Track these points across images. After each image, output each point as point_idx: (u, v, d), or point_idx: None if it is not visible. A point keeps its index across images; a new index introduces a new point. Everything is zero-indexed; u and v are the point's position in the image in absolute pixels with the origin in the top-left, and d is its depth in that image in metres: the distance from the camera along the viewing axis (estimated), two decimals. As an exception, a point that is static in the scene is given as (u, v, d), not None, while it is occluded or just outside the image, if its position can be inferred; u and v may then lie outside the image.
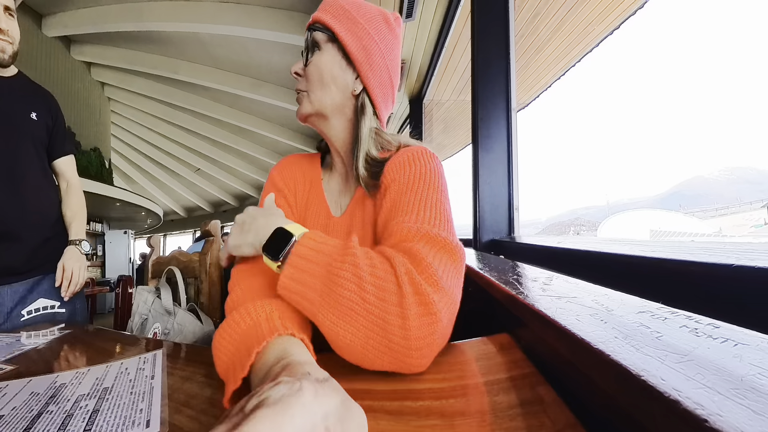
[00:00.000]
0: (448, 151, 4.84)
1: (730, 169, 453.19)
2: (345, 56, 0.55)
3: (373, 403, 0.33)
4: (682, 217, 14.01)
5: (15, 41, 0.89)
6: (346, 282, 0.36)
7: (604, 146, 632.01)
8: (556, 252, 0.75)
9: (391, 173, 0.51)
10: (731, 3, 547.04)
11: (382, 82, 0.58)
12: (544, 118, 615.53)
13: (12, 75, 0.94)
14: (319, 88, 0.56)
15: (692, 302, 0.40)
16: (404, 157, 0.52)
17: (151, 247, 4.82)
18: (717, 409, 0.16)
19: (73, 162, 1.06)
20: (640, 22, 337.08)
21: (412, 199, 0.46)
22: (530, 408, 0.30)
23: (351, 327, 0.35)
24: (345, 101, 0.57)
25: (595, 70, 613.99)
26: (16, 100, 0.92)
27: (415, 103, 3.36)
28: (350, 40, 0.54)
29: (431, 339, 0.35)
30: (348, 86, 0.56)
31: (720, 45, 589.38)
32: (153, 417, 0.34)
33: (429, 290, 0.35)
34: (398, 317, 0.34)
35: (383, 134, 0.58)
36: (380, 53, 0.56)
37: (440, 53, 2.54)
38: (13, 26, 0.88)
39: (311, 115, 0.58)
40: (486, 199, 1.22)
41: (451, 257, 0.40)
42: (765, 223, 11.87)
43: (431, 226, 0.42)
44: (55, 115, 1.00)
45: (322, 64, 0.55)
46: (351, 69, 0.56)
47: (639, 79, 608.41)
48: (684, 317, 0.28)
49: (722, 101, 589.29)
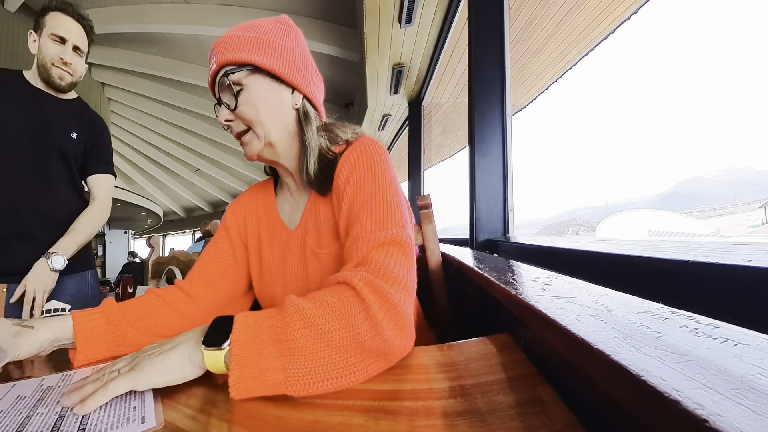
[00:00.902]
0: (447, 152, 4.84)
1: (729, 169, 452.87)
2: (272, 77, 0.55)
3: (373, 403, 0.33)
4: (679, 217, 14.02)
5: (76, 74, 1.04)
6: (304, 339, 0.35)
7: (603, 147, 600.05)
8: (546, 251, 0.82)
9: (345, 172, 0.54)
10: (729, 4, 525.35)
11: (312, 79, 0.59)
12: (543, 119, 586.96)
13: (70, 98, 1.07)
14: (261, 118, 0.55)
15: (692, 302, 0.40)
16: (354, 154, 0.55)
17: (151, 247, 4.82)
18: (717, 409, 0.16)
19: (106, 182, 1.10)
20: (639, 22, 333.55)
21: (365, 200, 0.50)
22: (530, 408, 0.30)
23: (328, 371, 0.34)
24: (287, 119, 0.57)
25: (594, 70, 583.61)
26: (63, 119, 1.02)
27: (414, 105, 3.41)
28: (269, 60, 0.53)
29: (398, 322, 0.39)
30: (286, 104, 0.57)
31: (719, 45, 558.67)
32: (147, 413, 0.34)
33: (385, 286, 0.39)
34: (368, 323, 0.37)
35: (331, 128, 0.60)
36: (298, 53, 0.57)
37: (439, 57, 2.60)
38: (78, 63, 1.03)
39: (263, 149, 0.57)
40: (482, 200, 1.28)
41: (401, 249, 0.45)
42: (762, 223, 11.88)
43: (381, 228, 0.46)
44: (96, 137, 1.09)
45: (255, 97, 0.54)
46: (284, 86, 0.56)
47: (638, 80, 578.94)
48: (684, 317, 0.28)
49: (721, 102, 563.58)
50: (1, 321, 0.47)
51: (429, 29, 2.38)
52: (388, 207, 0.49)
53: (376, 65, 2.76)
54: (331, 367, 0.34)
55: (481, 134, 1.28)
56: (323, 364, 0.34)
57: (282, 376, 0.33)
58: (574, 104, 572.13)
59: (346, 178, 0.53)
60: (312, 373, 0.34)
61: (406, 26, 2.25)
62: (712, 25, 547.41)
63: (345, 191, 0.53)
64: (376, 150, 0.55)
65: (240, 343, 0.35)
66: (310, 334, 0.35)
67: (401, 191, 0.54)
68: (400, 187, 0.55)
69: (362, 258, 0.44)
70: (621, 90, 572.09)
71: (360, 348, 0.36)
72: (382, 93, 3.24)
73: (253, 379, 0.33)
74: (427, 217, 0.88)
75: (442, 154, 4.87)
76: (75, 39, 1.00)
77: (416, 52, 2.64)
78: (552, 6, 2.13)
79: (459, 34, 2.33)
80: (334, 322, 0.36)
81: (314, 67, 0.61)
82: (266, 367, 0.34)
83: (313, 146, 0.57)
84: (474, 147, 1.30)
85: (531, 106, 3.59)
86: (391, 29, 2.32)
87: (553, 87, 3.26)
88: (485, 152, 1.28)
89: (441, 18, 2.27)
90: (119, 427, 0.32)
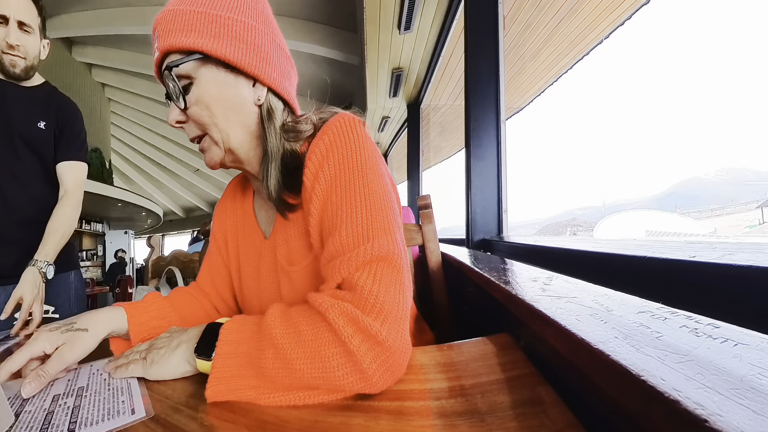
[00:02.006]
0: (446, 153, 4.88)
1: (726, 170, 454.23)
2: (226, 67, 0.43)
3: (373, 403, 0.33)
4: (677, 217, 14.04)
5: (29, 56, 0.91)
6: (276, 370, 0.34)
7: (601, 147, 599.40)
8: (536, 249, 0.88)
9: (312, 167, 0.43)
10: (725, 4, 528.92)
11: (282, 67, 0.47)
12: (542, 120, 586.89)
13: (32, 86, 0.96)
14: (216, 121, 0.45)
15: (692, 302, 0.40)
16: (323, 142, 0.43)
17: (151, 247, 4.83)
18: (717, 409, 0.16)
19: (77, 169, 0.99)
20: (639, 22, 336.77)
21: (341, 203, 0.40)
22: (530, 408, 0.30)
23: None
24: (249, 118, 0.47)
25: (594, 71, 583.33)
26: (27, 108, 0.93)
27: (412, 107, 3.48)
28: (221, 44, 0.42)
29: (389, 366, 0.34)
30: (246, 99, 0.46)
31: (717, 45, 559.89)
32: (137, 405, 0.35)
33: (374, 324, 0.33)
34: (348, 367, 0.32)
35: (295, 125, 0.48)
36: (260, 32, 0.44)
37: (437, 62, 2.67)
38: (28, 42, 0.90)
39: (224, 157, 0.48)
40: (478, 202, 1.37)
41: (390, 266, 0.37)
42: (759, 223, 11.88)
43: (365, 240, 0.38)
44: (64, 122, 0.98)
45: (204, 93, 0.43)
46: (242, 76, 0.45)
47: (638, 81, 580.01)
48: (684, 317, 0.28)
49: (719, 103, 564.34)
50: (47, 335, 0.43)
51: (427, 35, 2.42)
52: (372, 208, 0.40)
53: (376, 69, 2.81)
54: (306, 395, 0.34)
55: (477, 139, 1.37)
56: (295, 395, 0.34)
57: (255, 393, 0.34)
58: (574, 105, 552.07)
59: (314, 174, 0.42)
60: (284, 396, 0.34)
61: (405, 32, 2.29)
62: (711, 25, 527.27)
63: (313, 191, 0.42)
64: (351, 130, 0.43)
65: (222, 356, 0.36)
66: (282, 367, 0.34)
67: (387, 182, 0.44)
68: (385, 176, 0.44)
69: (343, 280, 0.37)
70: (620, 91, 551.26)
71: (336, 388, 0.33)
72: (381, 96, 3.29)
73: (228, 393, 0.35)
74: (427, 217, 0.89)
75: (441, 155, 4.91)
76: (18, 13, 0.85)
77: (415, 56, 2.69)
78: (547, 13, 2.18)
79: (456, 40, 2.37)
80: (305, 360, 0.33)
81: (283, 50, 0.48)
82: (241, 384, 0.35)
83: (275, 152, 0.46)
84: (470, 151, 1.38)
85: (530, 107, 3.62)
86: (390, 35, 2.37)
87: (552, 88, 3.28)
88: (481, 156, 1.37)
89: (439, 24, 2.32)
90: (110, 419, 0.32)
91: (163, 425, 0.31)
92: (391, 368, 0.34)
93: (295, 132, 0.48)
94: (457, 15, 2.12)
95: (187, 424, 0.31)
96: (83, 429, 0.31)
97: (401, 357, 0.35)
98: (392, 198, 0.43)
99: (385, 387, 0.34)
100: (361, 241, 0.38)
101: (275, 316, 0.37)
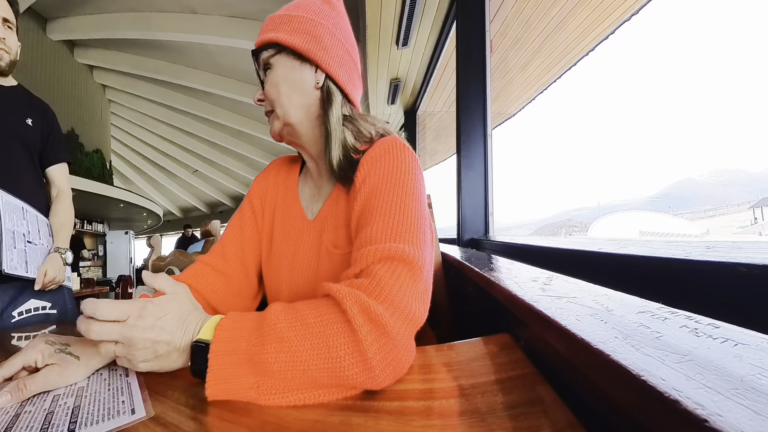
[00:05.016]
0: (440, 156, 5.02)
1: (720, 171, 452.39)
2: (296, 56, 0.53)
3: (373, 403, 0.33)
4: (670, 218, 14.04)
5: (12, 51, 0.93)
6: (278, 363, 0.33)
7: (596, 149, 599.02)
8: (518, 247, 0.99)
9: (364, 169, 0.49)
10: (720, 6, 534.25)
11: (341, 59, 0.55)
12: (537, 123, 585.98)
13: (10, 85, 0.97)
14: (281, 99, 0.54)
15: (692, 302, 0.40)
16: (377, 151, 0.50)
17: (151, 247, 4.83)
18: (717, 409, 0.16)
19: (66, 170, 1.05)
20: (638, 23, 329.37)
21: (379, 205, 0.45)
22: (530, 408, 0.30)
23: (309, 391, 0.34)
24: (310, 100, 0.55)
25: (589, 74, 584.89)
26: (12, 107, 0.94)
27: (409, 114, 3.77)
28: (292, 37, 0.52)
29: (393, 360, 0.34)
30: (308, 82, 0.54)
31: (715, 45, 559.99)
32: (137, 405, 0.35)
33: (384, 314, 0.34)
34: (354, 358, 0.33)
35: (357, 122, 0.55)
36: (328, 31, 0.54)
37: (432, 73, 2.92)
38: (11, 37, 0.92)
39: (282, 129, 0.56)
40: (467, 206, 1.54)
41: (410, 270, 0.39)
42: (751, 223, 11.96)
43: (391, 239, 0.40)
44: (50, 124, 1.02)
45: (276, 76, 0.54)
46: (307, 64, 0.54)
47: (632, 82, 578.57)
48: (684, 317, 0.28)
49: (714, 104, 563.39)
50: (43, 346, 0.40)
51: (423, 50, 2.69)
52: (404, 217, 0.43)
53: (376, 80, 3.10)
54: (307, 395, 0.34)
55: (467, 150, 1.58)
56: (298, 389, 0.34)
57: (255, 393, 0.34)
58: (569, 107, 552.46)
59: (363, 177, 0.48)
60: (285, 392, 0.34)
61: (402, 48, 2.53)
62: (704, 26, 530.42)
63: (359, 191, 0.48)
64: (402, 152, 0.50)
65: (217, 354, 0.35)
66: (286, 359, 0.33)
67: (425, 206, 0.47)
68: (424, 201, 0.48)
69: (363, 269, 0.39)
70: (614, 93, 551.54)
71: (340, 381, 0.34)
72: (380, 103, 3.56)
73: (227, 393, 0.34)
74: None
75: (436, 158, 5.05)
76: (2, 10, 0.90)
77: (411, 69, 2.97)
78: (535, 28, 2.31)
79: (450, 55, 2.55)
80: (312, 351, 0.33)
81: (347, 50, 0.56)
82: (240, 384, 0.34)
83: (334, 128, 0.53)
84: (461, 160, 1.58)
85: (527, 108, 3.68)
86: (389, 50, 2.64)
87: (547, 91, 3.35)
88: (470, 166, 1.57)
89: (434, 41, 2.56)
90: (110, 419, 0.32)
91: (163, 425, 0.31)
92: (394, 362, 0.34)
93: (354, 125, 0.55)
94: (451, 33, 2.28)
95: (187, 424, 0.31)
96: (83, 429, 0.31)
97: (405, 353, 0.36)
98: (425, 221, 0.45)
99: (387, 383, 0.34)
100: (388, 237, 0.41)
101: (278, 312, 0.37)
